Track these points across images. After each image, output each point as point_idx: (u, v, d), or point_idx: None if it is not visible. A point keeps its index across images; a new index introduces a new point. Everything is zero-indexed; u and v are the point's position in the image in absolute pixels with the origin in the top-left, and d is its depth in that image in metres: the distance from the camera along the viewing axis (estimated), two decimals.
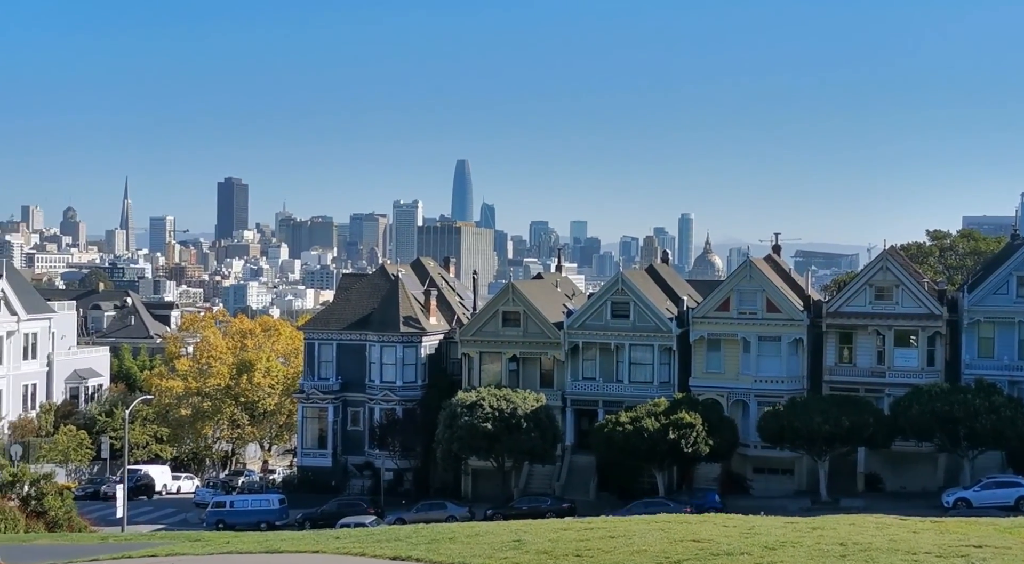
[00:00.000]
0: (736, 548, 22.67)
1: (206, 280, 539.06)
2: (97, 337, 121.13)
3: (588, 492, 74.41)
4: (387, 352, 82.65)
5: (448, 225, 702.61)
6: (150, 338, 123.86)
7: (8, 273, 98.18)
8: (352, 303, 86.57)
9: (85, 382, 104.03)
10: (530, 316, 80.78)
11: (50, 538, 35.17)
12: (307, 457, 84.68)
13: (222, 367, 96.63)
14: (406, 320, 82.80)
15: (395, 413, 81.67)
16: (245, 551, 24.85)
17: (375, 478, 79.53)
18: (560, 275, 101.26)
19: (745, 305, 77.30)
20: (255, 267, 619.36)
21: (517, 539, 24.28)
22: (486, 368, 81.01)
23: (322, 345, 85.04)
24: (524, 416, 72.96)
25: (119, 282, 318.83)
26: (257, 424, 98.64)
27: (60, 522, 49.88)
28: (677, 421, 69.65)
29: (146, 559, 23.58)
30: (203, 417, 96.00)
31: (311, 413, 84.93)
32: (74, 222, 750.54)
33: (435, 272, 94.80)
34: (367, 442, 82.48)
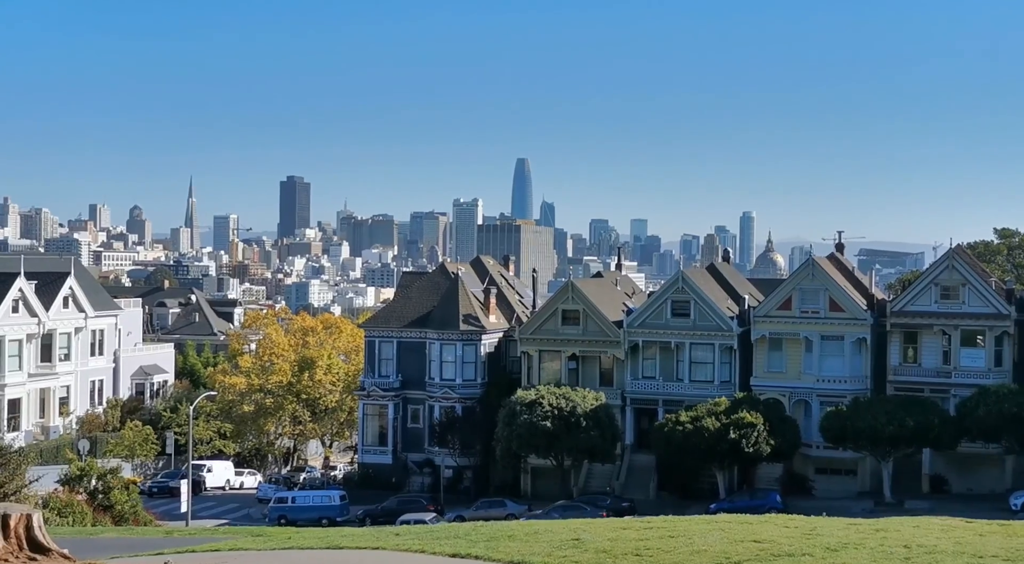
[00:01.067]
0: (797, 549, 22.46)
1: (269, 278, 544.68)
2: (162, 334, 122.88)
3: (648, 491, 74.14)
4: (447, 350, 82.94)
5: (508, 223, 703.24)
6: (214, 335, 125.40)
7: (76, 271, 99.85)
8: (412, 301, 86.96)
9: (150, 378, 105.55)
10: (590, 314, 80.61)
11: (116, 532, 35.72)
12: (368, 454, 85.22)
13: (284, 364, 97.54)
14: (466, 318, 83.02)
15: (455, 411, 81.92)
16: (306, 547, 25.05)
17: (435, 475, 79.85)
18: (620, 273, 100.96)
19: (808, 304, 76.52)
20: (317, 265, 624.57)
21: (576, 538, 24.24)
22: (545, 366, 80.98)
23: (382, 343, 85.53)
24: (583, 415, 72.84)
25: (184, 280, 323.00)
26: (318, 421, 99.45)
27: (126, 516, 50.67)
28: (738, 421, 69.15)
29: (209, 553, 23.85)
30: (265, 413, 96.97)
31: (372, 410, 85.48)
32: (140, 221, 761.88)
33: (495, 270, 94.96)
34: (427, 439, 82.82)
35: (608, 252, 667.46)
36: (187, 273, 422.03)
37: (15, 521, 18.67)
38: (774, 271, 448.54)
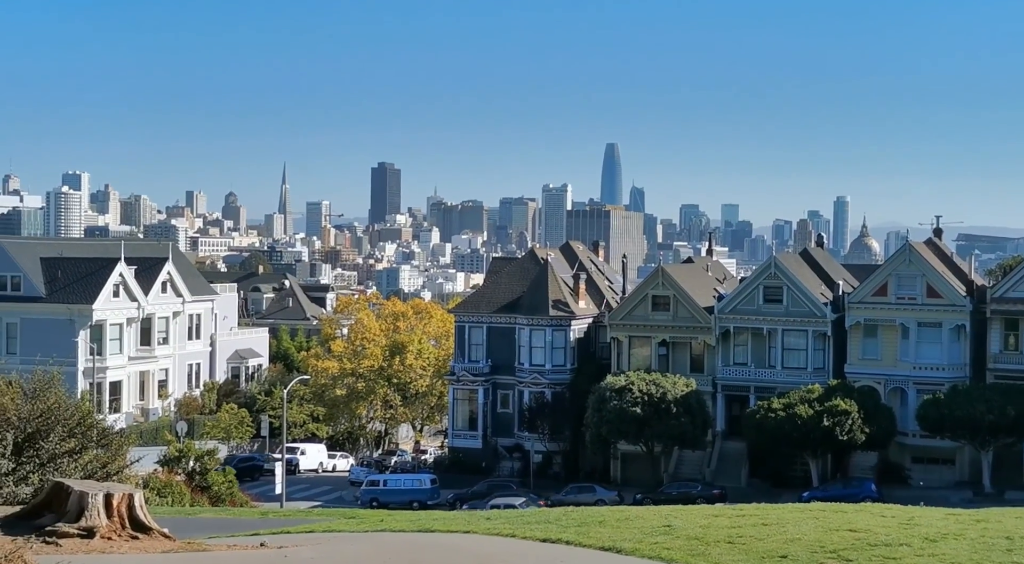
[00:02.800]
0: (895, 539, 22.04)
1: (360, 263, 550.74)
2: (257, 318, 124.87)
3: (739, 479, 73.49)
4: (536, 335, 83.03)
5: (597, 209, 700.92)
6: (307, 320, 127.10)
7: (174, 256, 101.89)
8: (502, 287, 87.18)
9: (245, 362, 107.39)
10: (680, 300, 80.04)
11: (213, 512, 36.45)
12: (458, 438, 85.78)
13: (375, 349, 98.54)
14: (555, 304, 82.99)
15: (544, 396, 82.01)
16: (398, 529, 25.26)
17: (525, 460, 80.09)
18: (711, 259, 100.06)
19: (904, 290, 75.03)
20: (407, 251, 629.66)
21: (667, 524, 24.08)
22: (635, 352, 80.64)
23: (472, 328, 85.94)
24: (674, 401, 72.42)
25: (277, 265, 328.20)
26: (409, 405, 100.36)
27: (223, 497, 51.71)
28: (832, 408, 68.17)
29: (303, 534, 24.18)
30: (357, 397, 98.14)
31: (462, 395, 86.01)
32: (235, 207, 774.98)
33: (584, 256, 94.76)
34: (517, 424, 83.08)
35: (699, 237, 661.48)
36: (281, 259, 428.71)
37: (118, 500, 19.13)
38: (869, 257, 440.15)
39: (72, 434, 26.01)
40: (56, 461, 25.48)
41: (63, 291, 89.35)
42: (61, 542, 18.04)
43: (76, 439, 26.05)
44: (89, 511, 18.70)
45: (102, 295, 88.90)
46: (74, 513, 18.76)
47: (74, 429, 26.16)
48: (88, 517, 18.64)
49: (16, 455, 25.08)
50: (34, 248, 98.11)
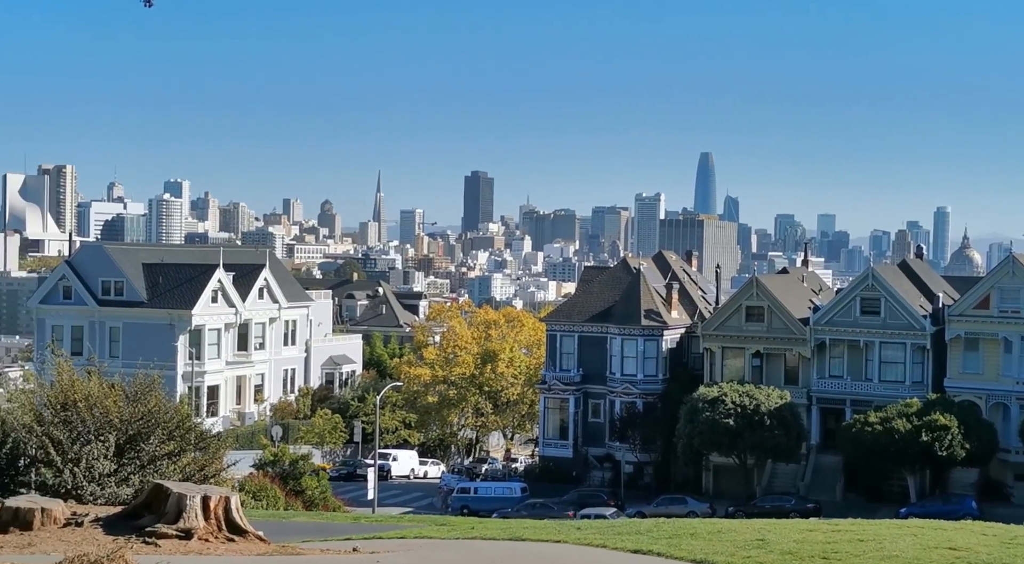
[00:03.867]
0: (996, 558, 21.44)
1: (452, 271, 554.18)
2: (351, 325, 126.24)
3: (834, 493, 72.25)
4: (628, 345, 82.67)
5: (691, 218, 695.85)
6: (399, 327, 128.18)
7: (271, 263, 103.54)
8: (593, 295, 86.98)
9: (339, 368, 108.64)
10: (775, 311, 79.03)
11: (307, 516, 36.90)
12: (548, 447, 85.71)
13: (467, 356, 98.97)
14: (647, 313, 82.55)
15: (635, 406, 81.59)
16: (489, 537, 25.29)
17: (615, 470, 79.74)
18: (806, 270, 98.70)
19: (1007, 303, 73.12)
20: (499, 259, 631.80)
21: (761, 538, 23.72)
22: (728, 363, 79.83)
23: (564, 337, 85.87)
24: (767, 413, 71.51)
25: (371, 273, 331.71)
26: (500, 413, 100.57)
27: (316, 501, 52.36)
28: (931, 423, 66.69)
29: (395, 540, 24.34)
30: (449, 405, 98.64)
31: (552, 404, 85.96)
32: (330, 215, 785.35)
33: (677, 265, 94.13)
34: (607, 434, 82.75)
35: (794, 248, 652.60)
36: (374, 266, 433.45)
37: (215, 503, 19.47)
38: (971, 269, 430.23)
39: (171, 437, 26.55)
40: (156, 463, 26.03)
41: (164, 296, 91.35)
42: (160, 543, 18.41)
43: (175, 442, 26.59)
44: (187, 513, 19.06)
45: (201, 301, 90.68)
46: (173, 514, 19.13)
47: (173, 432, 26.70)
48: (186, 519, 19.00)
49: (118, 456, 25.68)
50: (137, 254, 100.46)
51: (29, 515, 19.47)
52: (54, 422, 25.82)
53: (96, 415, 25.85)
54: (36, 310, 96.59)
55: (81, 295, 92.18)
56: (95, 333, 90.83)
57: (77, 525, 19.57)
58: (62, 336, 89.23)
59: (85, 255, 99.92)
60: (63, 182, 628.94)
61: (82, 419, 25.79)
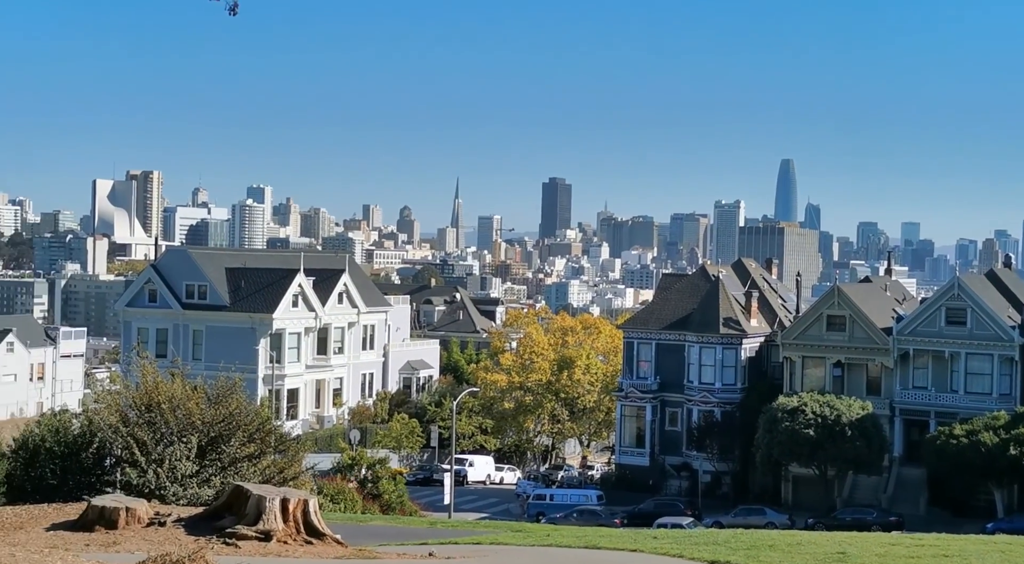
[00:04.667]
0: None
1: (530, 278, 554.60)
2: (428, 330, 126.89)
3: (917, 506, 70.85)
4: (706, 353, 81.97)
5: (771, 225, 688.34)
6: (476, 333, 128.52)
7: (350, 268, 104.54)
8: (671, 303, 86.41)
9: (417, 373, 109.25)
10: (856, 320, 77.82)
11: (384, 520, 37.12)
12: (625, 455, 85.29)
13: (544, 363, 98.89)
14: (726, 321, 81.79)
15: (713, 415, 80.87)
16: (564, 544, 25.21)
17: (692, 479, 79.07)
18: (889, 278, 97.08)
19: None
20: (577, 266, 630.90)
21: (841, 551, 23.35)
22: (808, 373, 78.76)
23: (641, 344, 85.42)
24: (848, 424, 70.42)
25: (449, 278, 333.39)
26: (576, 420, 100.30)
27: (393, 505, 52.66)
28: (1019, 436, 65.16)
29: (471, 546, 24.36)
30: (525, 411, 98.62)
31: (629, 411, 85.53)
32: (409, 220, 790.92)
33: (756, 273, 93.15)
34: (685, 443, 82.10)
35: (877, 256, 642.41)
36: (452, 272, 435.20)
37: (294, 505, 19.66)
38: None
39: (251, 439, 26.88)
40: (236, 465, 26.38)
41: (246, 300, 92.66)
42: (240, 544, 18.64)
43: (255, 444, 26.92)
44: (266, 515, 19.27)
45: (282, 305, 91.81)
46: (252, 516, 19.36)
47: (253, 434, 27.04)
48: (265, 521, 19.21)
49: (200, 458, 26.07)
50: (220, 259, 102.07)
51: (114, 514, 19.85)
52: (139, 423, 26.30)
53: (179, 417, 26.29)
54: (123, 313, 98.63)
55: (166, 298, 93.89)
56: (179, 336, 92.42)
57: (160, 525, 19.90)
58: (147, 338, 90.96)
59: (170, 259, 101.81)
60: (150, 188, 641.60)
61: (165, 420, 26.24)
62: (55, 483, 26.42)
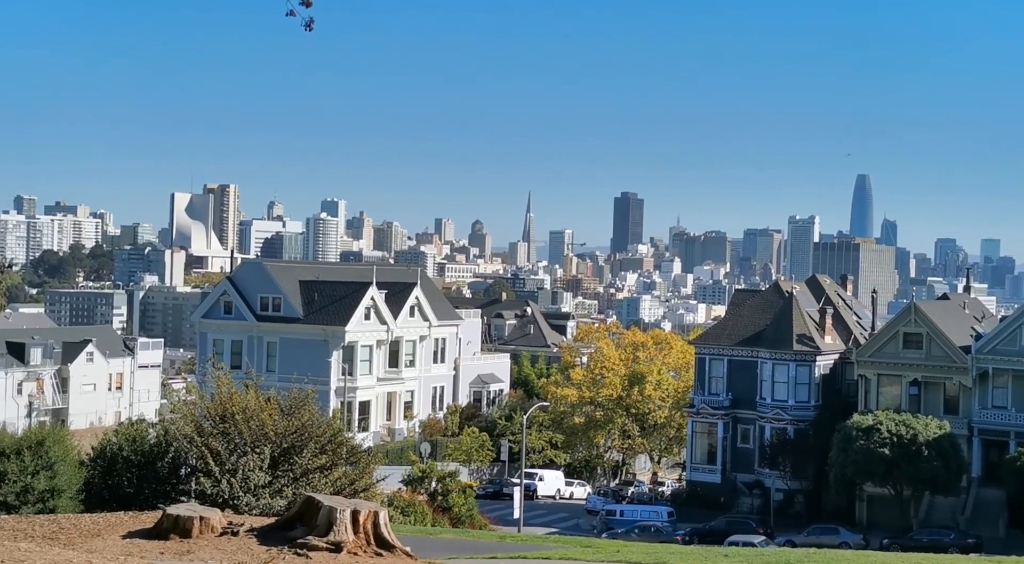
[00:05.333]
0: None
1: (601, 292, 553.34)
2: (499, 344, 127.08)
3: (996, 528, 69.30)
4: (779, 370, 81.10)
5: (846, 241, 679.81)
6: (547, 347, 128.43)
7: (422, 282, 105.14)
8: (744, 319, 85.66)
9: (487, 386, 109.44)
10: (934, 338, 76.47)
11: (453, 533, 37.21)
12: (696, 472, 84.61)
13: (614, 378, 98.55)
14: (799, 338, 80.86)
15: (786, 433, 79.94)
16: (634, 561, 25.07)
17: (764, 497, 78.20)
18: (968, 296, 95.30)
19: None
20: (648, 281, 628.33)
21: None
22: (884, 391, 77.54)
23: (713, 360, 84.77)
24: (925, 443, 69.18)
25: (520, 292, 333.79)
26: (647, 436, 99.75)
27: (463, 518, 52.75)
28: None
29: (539, 561, 24.33)
30: (595, 426, 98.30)
31: (701, 428, 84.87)
32: (481, 234, 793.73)
33: (831, 290, 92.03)
34: (757, 460, 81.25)
35: (955, 273, 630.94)
36: (523, 286, 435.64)
37: (364, 517, 19.77)
38: None
39: (323, 451, 27.10)
40: (308, 476, 26.62)
41: (319, 313, 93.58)
42: (311, 555, 18.79)
43: (327, 456, 27.13)
44: (337, 526, 19.40)
45: (354, 318, 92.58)
46: (323, 527, 19.50)
47: (325, 446, 27.26)
48: (336, 532, 19.34)
49: (272, 468, 26.35)
50: (294, 271, 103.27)
51: (188, 523, 20.13)
52: (213, 433, 26.65)
53: (252, 427, 26.59)
54: (199, 324, 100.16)
55: (241, 310, 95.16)
56: (253, 347, 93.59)
57: (233, 534, 20.14)
58: (222, 350, 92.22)
59: (245, 272, 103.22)
60: (226, 201, 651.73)
61: (239, 431, 26.56)
62: (132, 491, 26.85)
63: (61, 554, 14.15)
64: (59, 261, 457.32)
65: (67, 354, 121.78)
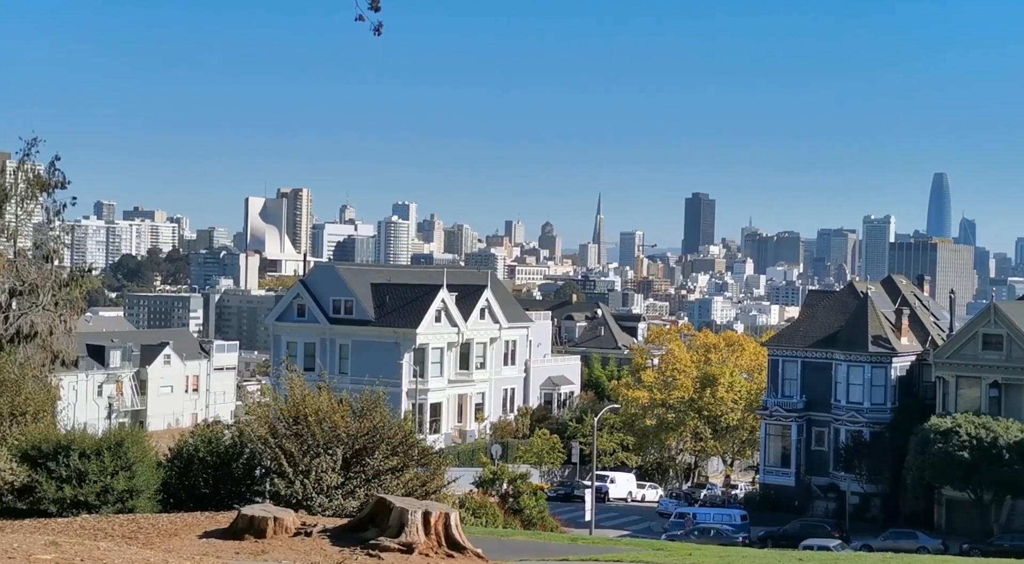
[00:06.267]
0: None
1: (672, 294, 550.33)
2: (569, 346, 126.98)
3: None
4: (854, 372, 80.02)
5: (923, 241, 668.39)
6: (618, 349, 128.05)
7: (492, 284, 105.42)
8: (818, 320, 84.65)
9: (558, 388, 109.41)
10: (1014, 339, 74.87)
11: (524, 535, 37.22)
12: (769, 475, 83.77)
13: (686, 380, 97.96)
14: (875, 339, 79.70)
15: (862, 435, 78.83)
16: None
17: (840, 501, 77.17)
18: None
19: None
20: (720, 282, 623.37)
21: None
22: (963, 393, 76.08)
23: (786, 362, 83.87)
24: (1006, 446, 67.81)
25: (590, 294, 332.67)
26: (719, 438, 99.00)
27: (534, 520, 52.73)
28: None
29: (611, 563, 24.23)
30: (667, 428, 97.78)
31: (774, 430, 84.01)
32: (551, 236, 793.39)
33: (907, 290, 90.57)
34: (832, 463, 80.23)
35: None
36: (594, 288, 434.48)
37: (435, 518, 19.84)
38: None
39: (395, 452, 27.25)
40: (380, 477, 26.78)
41: (390, 315, 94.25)
42: (383, 556, 18.90)
43: (398, 457, 27.28)
44: (408, 527, 19.50)
45: (425, 320, 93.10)
46: (395, 529, 19.61)
47: (397, 447, 27.40)
48: (407, 533, 19.44)
49: (345, 470, 26.55)
50: (366, 274, 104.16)
51: (263, 523, 20.38)
52: (287, 435, 26.93)
53: (325, 429, 26.83)
54: (272, 327, 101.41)
55: (314, 313, 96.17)
56: (326, 350, 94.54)
57: (306, 535, 20.34)
58: (295, 352, 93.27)
59: (318, 275, 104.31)
60: (299, 205, 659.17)
61: (312, 433, 26.81)
62: (207, 492, 27.22)
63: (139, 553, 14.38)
64: (137, 265, 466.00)
65: (145, 357, 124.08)
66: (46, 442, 26.06)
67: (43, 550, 13.12)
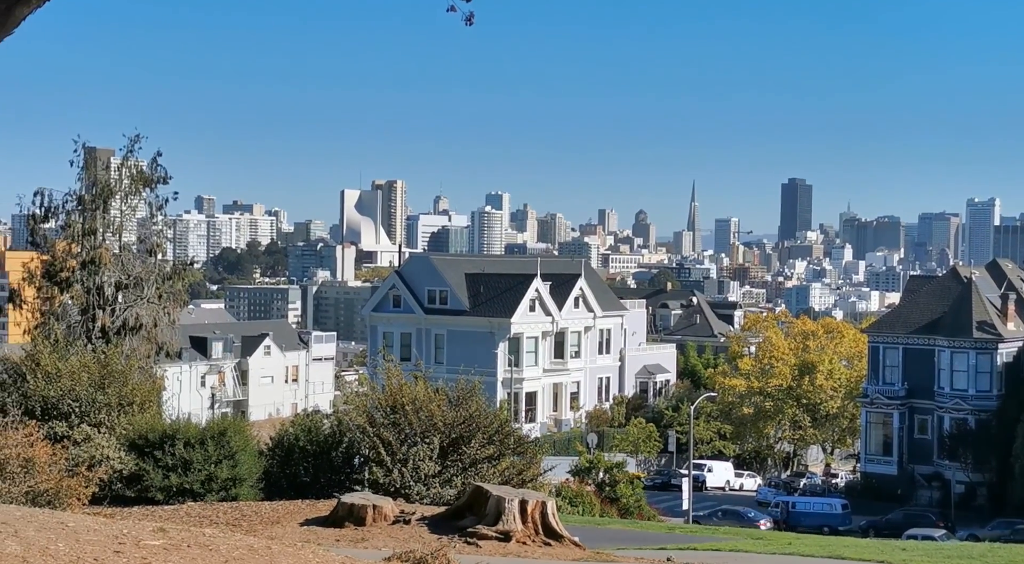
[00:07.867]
0: None
1: (768, 281, 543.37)
2: (664, 335, 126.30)
3: None
4: (958, 358, 78.24)
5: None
6: (714, 337, 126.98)
7: (586, 273, 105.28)
8: (920, 306, 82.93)
9: (653, 377, 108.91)
10: None
11: (621, 524, 37.12)
12: (871, 463, 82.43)
13: (784, 368, 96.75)
14: (979, 325, 77.81)
15: (967, 423, 77.09)
16: (807, 554, 24.55)
17: (944, 490, 75.62)
18: None
19: None
20: (818, 268, 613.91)
21: None
22: None
23: (887, 349, 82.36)
24: None
25: (685, 282, 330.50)
26: (819, 426, 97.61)
27: (631, 509, 52.65)
28: None
29: (710, 552, 24.06)
30: (765, 417, 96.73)
31: (875, 418, 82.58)
32: (645, 224, 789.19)
33: (1013, 274, 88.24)
34: (936, 452, 78.63)
35: None
36: (689, 275, 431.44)
37: (532, 507, 19.93)
38: None
39: (491, 441, 27.40)
40: (476, 466, 26.95)
41: (485, 305, 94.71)
42: (480, 543, 19.04)
43: (494, 446, 27.42)
44: (506, 516, 19.61)
45: (519, 309, 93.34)
46: (492, 517, 19.74)
47: (493, 436, 27.55)
48: (504, 521, 19.55)
49: (442, 458, 26.78)
50: (460, 265, 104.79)
51: (362, 511, 20.68)
52: (384, 424, 27.24)
53: (422, 418, 27.08)
54: (369, 318, 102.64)
55: (409, 304, 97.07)
56: (421, 340, 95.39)
57: (405, 523, 20.59)
58: (392, 342, 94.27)
59: (413, 266, 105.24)
60: (394, 197, 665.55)
61: (409, 422, 27.09)
62: (308, 480, 27.67)
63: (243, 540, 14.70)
64: (237, 258, 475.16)
65: (246, 348, 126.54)
66: (152, 432, 26.76)
67: (151, 536, 13.49)
